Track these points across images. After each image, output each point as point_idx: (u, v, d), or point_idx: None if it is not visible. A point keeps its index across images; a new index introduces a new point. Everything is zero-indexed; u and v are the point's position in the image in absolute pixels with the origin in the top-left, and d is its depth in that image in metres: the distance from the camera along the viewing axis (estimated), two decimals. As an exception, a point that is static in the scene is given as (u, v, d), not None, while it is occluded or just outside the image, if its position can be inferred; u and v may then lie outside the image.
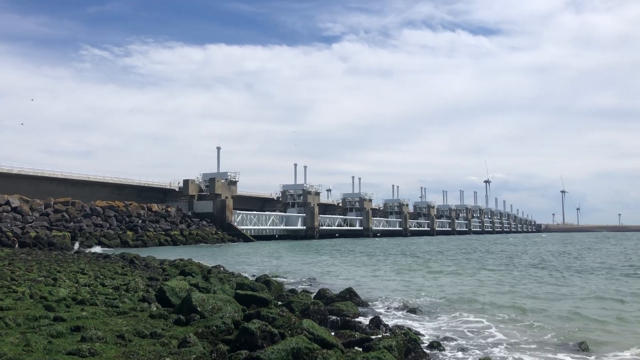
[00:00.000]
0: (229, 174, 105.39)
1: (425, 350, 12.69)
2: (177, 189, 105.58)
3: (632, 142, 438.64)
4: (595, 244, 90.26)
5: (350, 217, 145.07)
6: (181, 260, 35.66)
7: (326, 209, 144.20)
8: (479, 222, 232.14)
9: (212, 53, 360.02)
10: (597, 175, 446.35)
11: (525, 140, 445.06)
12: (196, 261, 35.00)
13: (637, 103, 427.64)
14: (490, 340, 14.61)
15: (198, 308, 13.59)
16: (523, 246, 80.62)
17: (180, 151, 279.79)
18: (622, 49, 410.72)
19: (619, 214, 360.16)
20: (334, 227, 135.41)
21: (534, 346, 13.84)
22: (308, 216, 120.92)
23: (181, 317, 13.18)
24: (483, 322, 16.93)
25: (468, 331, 15.75)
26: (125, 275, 24.78)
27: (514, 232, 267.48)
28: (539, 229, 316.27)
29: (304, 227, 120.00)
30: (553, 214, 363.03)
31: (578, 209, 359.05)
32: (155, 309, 14.44)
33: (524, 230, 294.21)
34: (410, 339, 12.36)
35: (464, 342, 14.24)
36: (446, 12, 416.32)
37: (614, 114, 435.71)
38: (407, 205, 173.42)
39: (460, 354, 12.96)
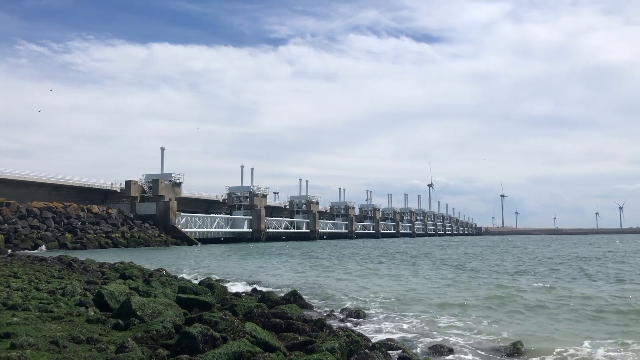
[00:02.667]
0: (173, 175, 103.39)
1: (367, 351, 12.78)
2: (119, 190, 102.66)
3: (567, 149, 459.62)
4: (517, 246, 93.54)
5: (297, 219, 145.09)
6: (122, 263, 34.73)
7: (273, 211, 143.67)
8: (422, 225, 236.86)
9: (156, 52, 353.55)
10: (534, 180, 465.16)
11: (466, 146, 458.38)
12: (137, 264, 34.17)
13: (571, 112, 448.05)
14: (430, 340, 14.89)
15: (138, 312, 13.24)
16: (465, 247, 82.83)
17: (122, 151, 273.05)
18: (557, 59, 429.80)
19: (555, 218, 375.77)
20: (280, 230, 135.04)
21: (476, 346, 14.20)
22: (254, 219, 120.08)
23: (120, 321, 12.82)
24: (425, 323, 17.23)
25: (411, 332, 16.01)
26: (62, 279, 23.90)
27: (456, 234, 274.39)
28: (479, 231, 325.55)
29: (250, 230, 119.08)
30: (493, 217, 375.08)
31: (516, 212, 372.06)
32: (92, 313, 13.99)
33: (465, 233, 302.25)
34: (353, 341, 12.44)
35: (406, 343, 14.44)
36: (391, 18, 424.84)
37: (550, 121, 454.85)
38: (353, 208, 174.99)
39: (403, 355, 13.13)
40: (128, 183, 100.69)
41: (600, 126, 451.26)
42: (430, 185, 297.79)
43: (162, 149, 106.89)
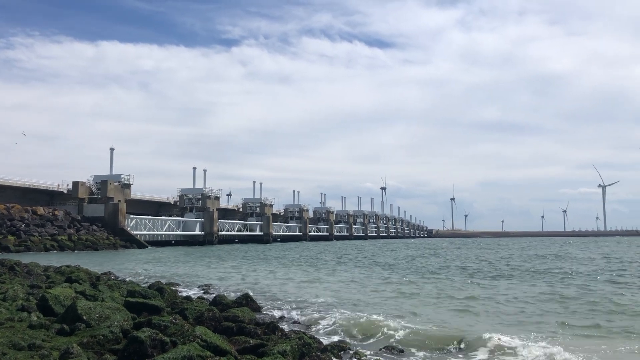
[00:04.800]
0: (122, 176, 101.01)
1: (319, 354, 12.82)
2: (65, 192, 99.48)
3: (514, 154, 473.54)
4: (453, 249, 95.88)
5: (250, 222, 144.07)
6: (68, 266, 33.73)
7: (226, 214, 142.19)
8: (375, 228, 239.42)
9: (105, 50, 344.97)
10: (483, 184, 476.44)
11: (417, 150, 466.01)
12: (85, 268, 33.21)
13: (518, 118, 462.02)
14: (381, 339, 15.05)
15: (84, 317, 12.88)
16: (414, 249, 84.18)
17: (69, 152, 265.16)
18: (504, 67, 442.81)
19: (502, 221, 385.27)
20: (233, 233, 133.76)
21: (425, 345, 14.44)
22: (207, 221, 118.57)
23: (65, 326, 12.44)
24: (376, 324, 17.38)
25: (362, 333, 16.14)
26: (3, 283, 22.95)
27: (407, 237, 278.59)
28: (430, 234, 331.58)
29: (202, 233, 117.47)
30: (443, 220, 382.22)
31: (466, 215, 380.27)
32: (35, 318, 13.51)
33: (417, 235, 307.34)
34: (305, 343, 12.45)
35: (357, 344, 14.56)
36: (344, 22, 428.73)
37: (498, 127, 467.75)
38: (307, 210, 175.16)
39: (355, 356, 13.24)
40: (76, 184, 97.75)
41: (546, 132, 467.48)
42: (383, 189, 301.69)
43: (112, 150, 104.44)
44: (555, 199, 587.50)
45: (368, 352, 13.82)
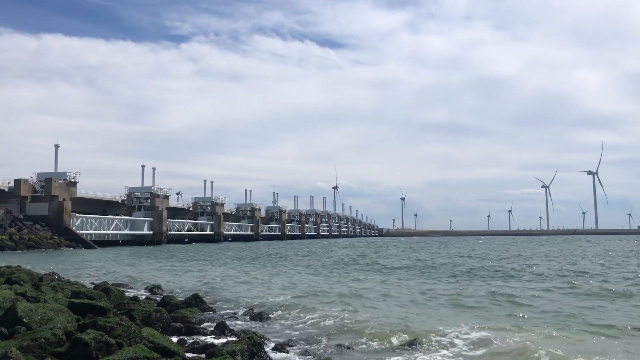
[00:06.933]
0: (67, 174, 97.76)
1: (269, 353, 12.81)
2: (6, 189, 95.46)
3: (460, 154, 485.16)
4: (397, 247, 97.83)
5: (201, 221, 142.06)
6: (8, 267, 32.38)
7: (176, 213, 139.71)
8: (327, 227, 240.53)
9: (48, 43, 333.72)
10: (431, 184, 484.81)
11: (368, 150, 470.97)
12: (26, 268, 32.03)
13: (465, 119, 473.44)
14: (331, 337, 15.14)
15: (24, 319, 12.43)
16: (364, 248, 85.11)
17: (10, 148, 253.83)
18: (452, 69, 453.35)
19: (450, 220, 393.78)
20: (183, 232, 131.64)
21: (372, 344, 14.62)
22: (155, 220, 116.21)
23: (3, 329, 11.98)
24: (325, 322, 17.49)
25: (313, 333, 16.18)
26: (-64, 286, 21.85)
27: (359, 236, 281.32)
28: (380, 233, 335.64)
29: (151, 232, 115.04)
30: (393, 219, 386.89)
31: (415, 215, 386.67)
32: (-29, 322, 12.92)
33: (368, 234, 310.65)
34: (254, 343, 12.40)
35: (307, 344, 14.60)
36: (295, 22, 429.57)
37: (446, 128, 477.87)
38: (259, 209, 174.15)
39: (303, 356, 13.27)
40: (17, 182, 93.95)
41: (491, 134, 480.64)
42: (335, 188, 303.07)
43: (56, 147, 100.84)
44: (500, 199, 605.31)
45: (318, 350, 13.87)
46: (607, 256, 57.45)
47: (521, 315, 18.84)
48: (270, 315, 19.14)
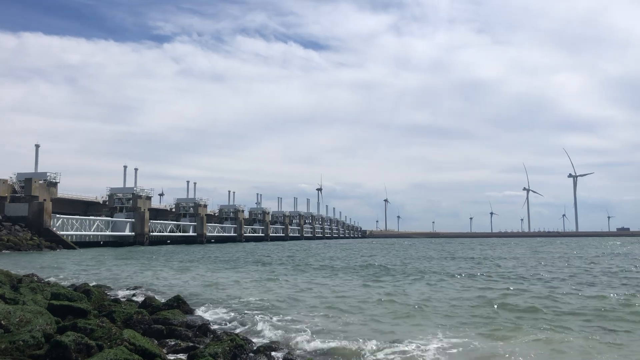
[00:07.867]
0: (48, 174, 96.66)
1: (252, 355, 12.77)
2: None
3: (443, 157, 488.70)
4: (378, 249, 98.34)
5: (183, 222, 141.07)
6: (-14, 269, 31.83)
7: (158, 214, 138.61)
8: (311, 229, 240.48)
9: (28, 42, 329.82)
10: (414, 186, 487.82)
11: (351, 152, 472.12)
12: (5, 270, 31.49)
13: (447, 122, 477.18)
14: (314, 341, 15.14)
15: (2, 322, 12.25)
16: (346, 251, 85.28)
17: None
18: (434, 72, 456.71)
19: (433, 222, 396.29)
20: (165, 233, 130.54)
21: (349, 342, 14.65)
22: (137, 222, 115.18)
23: (-19, 332, 11.77)
24: (308, 326, 17.50)
25: (295, 334, 16.16)
26: None
27: (342, 237, 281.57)
28: (364, 234, 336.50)
29: (133, 233, 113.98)
30: (377, 221, 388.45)
31: (398, 216, 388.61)
32: (-52, 324, 12.70)
33: (351, 236, 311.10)
34: (237, 345, 12.37)
35: (290, 346, 14.58)
36: (279, 23, 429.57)
37: (429, 131, 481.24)
38: (242, 211, 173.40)
39: (287, 357, 13.24)
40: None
41: (474, 137, 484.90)
42: (319, 190, 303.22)
43: (37, 146, 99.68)
44: (482, 202, 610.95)
45: (299, 352, 13.87)
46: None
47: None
48: (255, 319, 19.07)
